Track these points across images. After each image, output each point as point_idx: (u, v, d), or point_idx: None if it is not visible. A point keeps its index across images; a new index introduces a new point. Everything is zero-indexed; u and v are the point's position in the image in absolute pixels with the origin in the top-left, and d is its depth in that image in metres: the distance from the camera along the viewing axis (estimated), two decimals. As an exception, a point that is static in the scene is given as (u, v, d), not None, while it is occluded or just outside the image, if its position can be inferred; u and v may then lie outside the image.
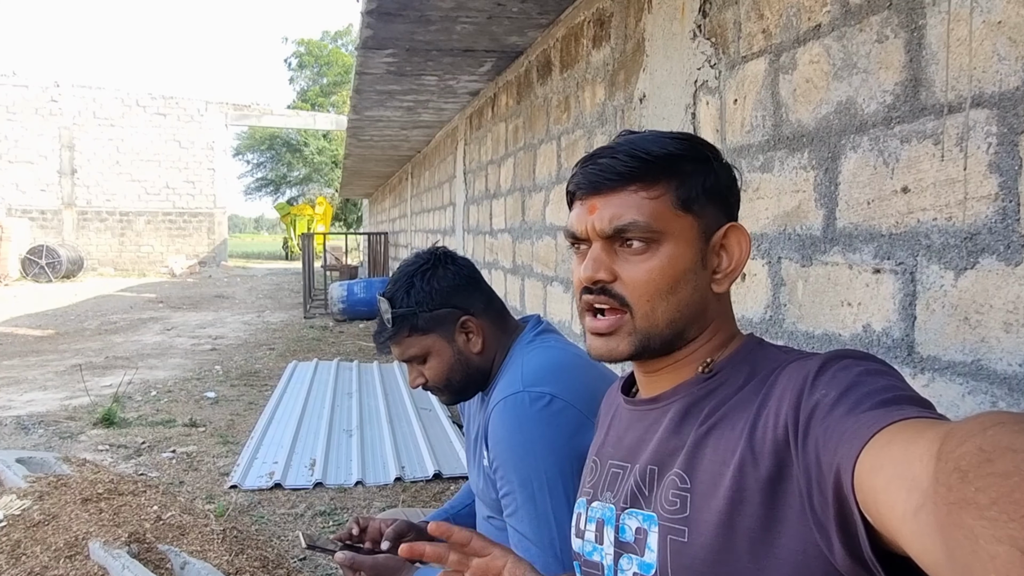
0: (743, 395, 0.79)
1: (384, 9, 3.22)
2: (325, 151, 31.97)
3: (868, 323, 1.35)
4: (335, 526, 3.16)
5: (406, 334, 1.34)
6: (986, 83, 1.10)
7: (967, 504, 0.41)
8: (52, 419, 4.87)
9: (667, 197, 0.83)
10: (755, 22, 1.71)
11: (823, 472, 0.63)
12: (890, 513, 0.53)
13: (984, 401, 1.11)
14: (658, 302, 0.82)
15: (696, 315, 0.85)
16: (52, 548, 2.36)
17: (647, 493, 0.82)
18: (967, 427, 0.46)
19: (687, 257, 0.83)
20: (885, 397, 0.64)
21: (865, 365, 0.71)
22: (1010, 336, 1.06)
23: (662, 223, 0.82)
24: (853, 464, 0.59)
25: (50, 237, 20.24)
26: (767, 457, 0.71)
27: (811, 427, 0.67)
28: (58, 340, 8.49)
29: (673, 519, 0.77)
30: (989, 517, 0.39)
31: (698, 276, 0.84)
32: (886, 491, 0.54)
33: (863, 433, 0.59)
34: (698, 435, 0.79)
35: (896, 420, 0.59)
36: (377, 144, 8.47)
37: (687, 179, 0.83)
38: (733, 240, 0.85)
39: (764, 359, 0.82)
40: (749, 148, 1.74)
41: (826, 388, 0.68)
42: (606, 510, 0.87)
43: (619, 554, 0.83)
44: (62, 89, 21.42)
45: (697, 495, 0.76)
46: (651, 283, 0.82)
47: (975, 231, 1.12)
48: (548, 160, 3.49)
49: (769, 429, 0.72)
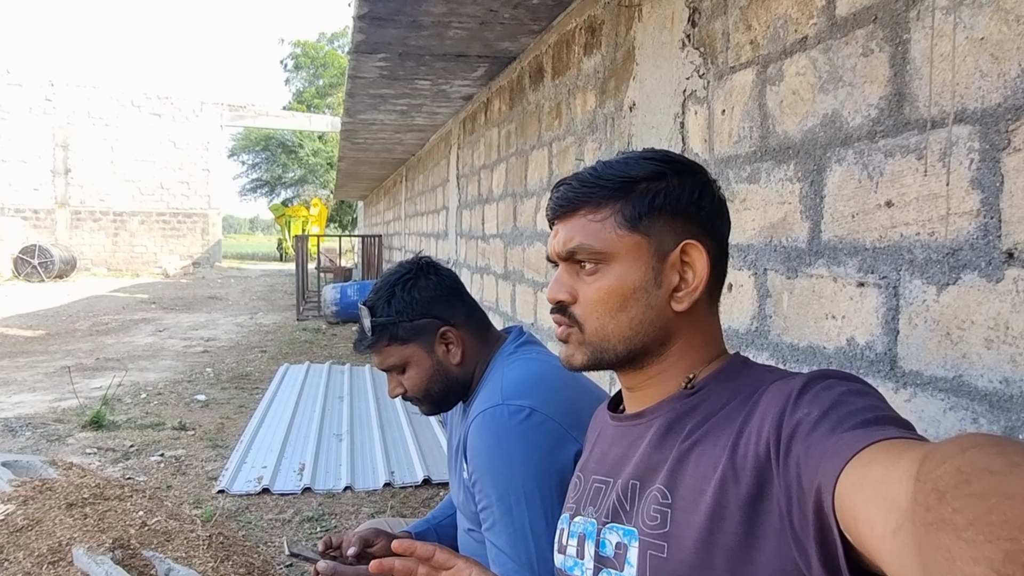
0: (726, 412, 0.79)
1: (376, 14, 3.22)
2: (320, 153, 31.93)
3: (852, 336, 1.35)
4: (322, 532, 3.14)
5: (385, 343, 1.34)
6: (969, 99, 1.10)
7: (944, 524, 0.41)
8: (40, 421, 4.85)
9: (613, 218, 0.85)
10: (743, 33, 1.71)
11: (804, 490, 0.64)
12: (869, 532, 0.53)
13: (965, 417, 1.11)
14: (607, 320, 0.85)
15: (654, 332, 0.85)
16: (35, 554, 2.34)
17: (628, 508, 0.82)
18: (946, 448, 0.46)
19: (635, 276, 0.84)
20: (867, 417, 0.64)
21: (848, 385, 0.71)
22: (991, 352, 1.06)
23: (606, 244, 0.85)
24: (834, 483, 0.59)
25: (43, 237, 20.15)
26: (748, 474, 0.71)
27: (793, 445, 0.67)
28: (48, 341, 8.44)
29: (653, 534, 0.77)
30: (966, 538, 0.39)
31: (650, 294, 0.84)
32: (866, 510, 0.54)
33: (844, 452, 0.59)
34: (680, 451, 0.79)
35: (877, 440, 0.59)
36: (371, 147, 8.46)
37: (636, 199, 0.85)
38: (689, 258, 0.84)
39: (748, 377, 0.82)
40: (736, 159, 1.74)
41: (808, 407, 0.68)
42: (587, 524, 0.87)
43: (599, 568, 0.83)
44: (56, 88, 21.35)
45: (678, 511, 0.76)
46: (599, 302, 0.85)
47: (957, 247, 1.12)
48: (540, 166, 3.49)
49: (751, 446, 0.72)
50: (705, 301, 0.87)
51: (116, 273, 20.71)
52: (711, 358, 0.87)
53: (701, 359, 0.86)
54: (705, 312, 0.88)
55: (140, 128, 21.87)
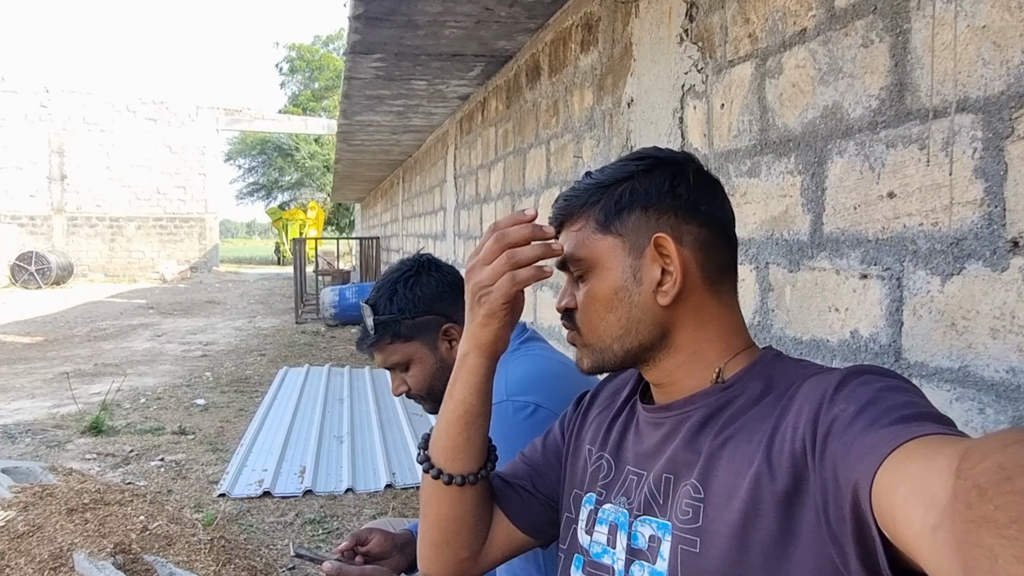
0: (761, 408, 0.78)
1: (372, 14, 3.21)
2: (317, 155, 31.92)
3: (855, 329, 1.34)
4: (324, 534, 3.13)
5: (388, 341, 1.33)
6: (971, 88, 1.09)
7: (986, 522, 0.41)
8: (39, 427, 4.83)
9: (588, 225, 0.88)
10: (741, 26, 1.71)
11: (840, 487, 0.63)
12: (908, 530, 0.53)
13: (971, 408, 1.10)
14: (598, 323, 0.87)
15: (646, 329, 0.85)
16: (36, 560, 2.33)
17: (662, 501, 0.82)
18: (987, 444, 0.46)
19: (614, 276, 0.86)
20: (905, 413, 0.63)
21: (885, 381, 0.70)
22: (997, 342, 1.06)
23: (585, 250, 0.88)
24: (871, 480, 0.58)
25: (39, 243, 20.13)
26: (784, 471, 0.70)
27: (829, 442, 0.66)
28: (47, 347, 8.42)
29: (686, 529, 0.77)
30: (1008, 536, 0.39)
31: (632, 292, 0.85)
32: (904, 508, 0.53)
33: (882, 449, 0.59)
34: (713, 446, 0.79)
35: (915, 436, 0.58)
36: (368, 149, 8.45)
37: (604, 201, 0.87)
38: (665, 250, 0.83)
39: (782, 372, 0.81)
40: (736, 153, 1.73)
41: (845, 403, 0.68)
42: (619, 514, 0.87)
43: (631, 560, 0.83)
44: (52, 94, 21.32)
45: (711, 506, 0.76)
46: (588, 307, 0.88)
47: (961, 236, 1.11)
48: (537, 165, 3.48)
49: (787, 443, 0.71)
50: (704, 290, 0.85)
51: (113, 279, 20.68)
52: (734, 349, 0.86)
53: (721, 350, 0.85)
54: (709, 302, 0.86)
55: (136, 133, 21.85)
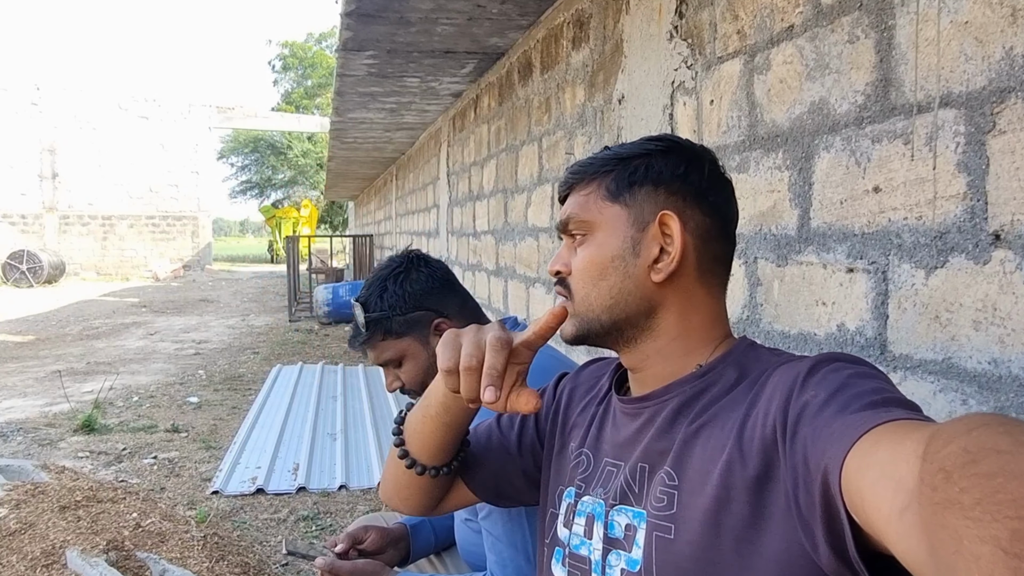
0: (734, 395, 0.79)
1: (363, 11, 3.21)
2: (310, 153, 31.81)
3: (842, 322, 1.35)
4: (318, 531, 3.14)
5: (380, 338, 1.34)
6: (954, 83, 1.10)
7: (951, 504, 0.41)
8: (31, 426, 4.82)
9: (598, 191, 0.89)
10: (730, 23, 1.72)
11: (810, 472, 0.64)
12: (876, 513, 0.54)
13: (955, 399, 1.11)
14: (590, 288, 0.88)
15: (635, 303, 0.86)
16: (28, 557, 2.33)
17: (637, 491, 0.82)
18: (952, 428, 0.46)
19: (614, 244, 0.87)
20: (874, 399, 0.64)
21: (855, 368, 0.71)
22: (979, 334, 1.07)
23: (589, 214, 0.89)
24: (841, 464, 0.59)
25: (31, 241, 20.02)
26: (755, 456, 0.71)
27: (800, 427, 0.67)
28: (39, 346, 8.39)
29: (660, 516, 0.78)
30: (973, 517, 0.39)
31: (628, 263, 0.86)
32: (872, 491, 0.54)
33: (851, 434, 0.60)
34: (687, 433, 0.79)
35: (884, 421, 0.59)
36: (361, 146, 8.43)
37: (619, 172, 0.89)
38: (668, 229, 0.85)
39: (755, 360, 0.82)
40: (725, 148, 1.74)
41: (815, 389, 0.69)
42: (596, 505, 0.87)
43: (608, 550, 0.83)
44: (43, 92, 21.19)
45: (684, 492, 0.77)
46: (583, 269, 0.89)
47: (944, 230, 1.12)
48: (530, 161, 3.49)
49: (758, 428, 0.72)
50: (695, 278, 0.86)
51: (106, 277, 20.60)
52: (715, 340, 0.87)
53: (702, 339, 0.86)
54: (698, 290, 0.87)
55: (128, 131, 21.74)
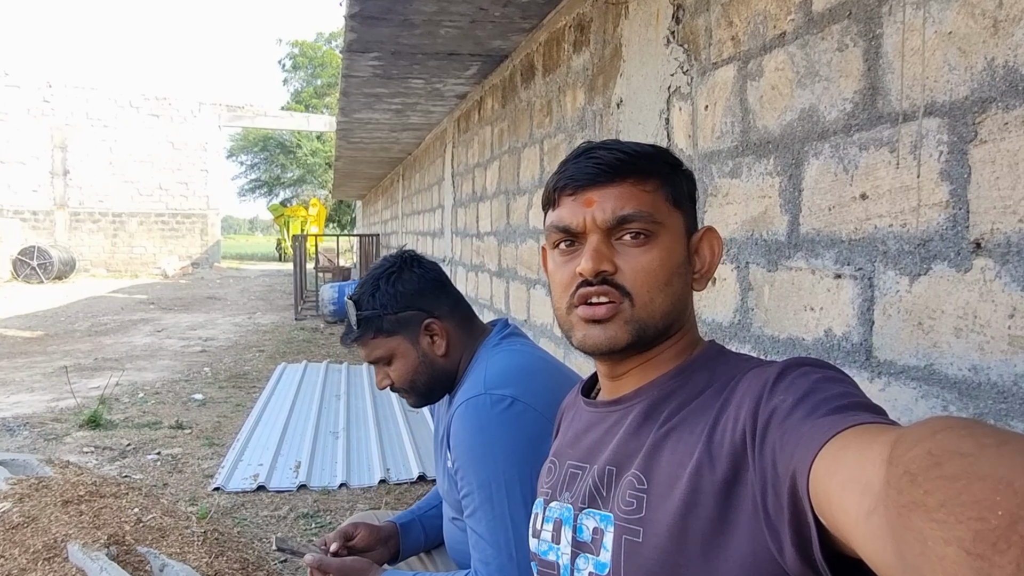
0: (703, 399, 0.80)
1: (367, 13, 3.23)
2: (319, 152, 31.91)
3: (829, 328, 1.36)
4: (317, 528, 3.16)
5: (371, 336, 1.36)
6: (938, 92, 1.11)
7: (916, 507, 0.42)
8: (38, 421, 4.87)
9: (660, 192, 0.86)
10: (725, 29, 1.73)
11: (779, 475, 0.64)
12: (843, 516, 0.54)
13: (936, 405, 1.13)
14: (656, 293, 0.84)
15: (683, 310, 0.88)
16: (30, 550, 2.36)
17: (604, 493, 0.83)
18: (917, 432, 0.47)
19: (679, 252, 0.87)
20: (841, 403, 0.65)
21: (822, 372, 0.72)
22: (960, 341, 1.08)
23: (661, 215, 0.85)
24: (809, 468, 0.60)
25: (42, 238, 20.16)
26: (724, 460, 0.72)
27: (768, 431, 0.68)
28: (47, 342, 8.46)
29: (629, 519, 0.78)
30: (937, 519, 0.40)
31: (686, 272, 0.88)
32: (840, 495, 0.55)
33: (819, 438, 0.60)
34: (657, 436, 0.80)
35: (851, 425, 0.60)
36: (368, 146, 8.46)
37: (671, 178, 0.88)
38: (707, 243, 0.89)
39: (725, 365, 0.84)
40: (719, 154, 1.76)
41: (784, 394, 0.70)
42: (564, 510, 0.88)
43: (576, 554, 0.84)
44: (54, 89, 21.35)
45: (653, 496, 0.77)
46: (652, 273, 0.84)
47: (928, 238, 1.14)
48: (531, 163, 3.51)
49: (727, 433, 0.73)
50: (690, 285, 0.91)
51: (115, 274, 20.72)
52: (693, 345, 0.89)
53: (689, 342, 0.89)
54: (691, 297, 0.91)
55: (138, 129, 21.87)
